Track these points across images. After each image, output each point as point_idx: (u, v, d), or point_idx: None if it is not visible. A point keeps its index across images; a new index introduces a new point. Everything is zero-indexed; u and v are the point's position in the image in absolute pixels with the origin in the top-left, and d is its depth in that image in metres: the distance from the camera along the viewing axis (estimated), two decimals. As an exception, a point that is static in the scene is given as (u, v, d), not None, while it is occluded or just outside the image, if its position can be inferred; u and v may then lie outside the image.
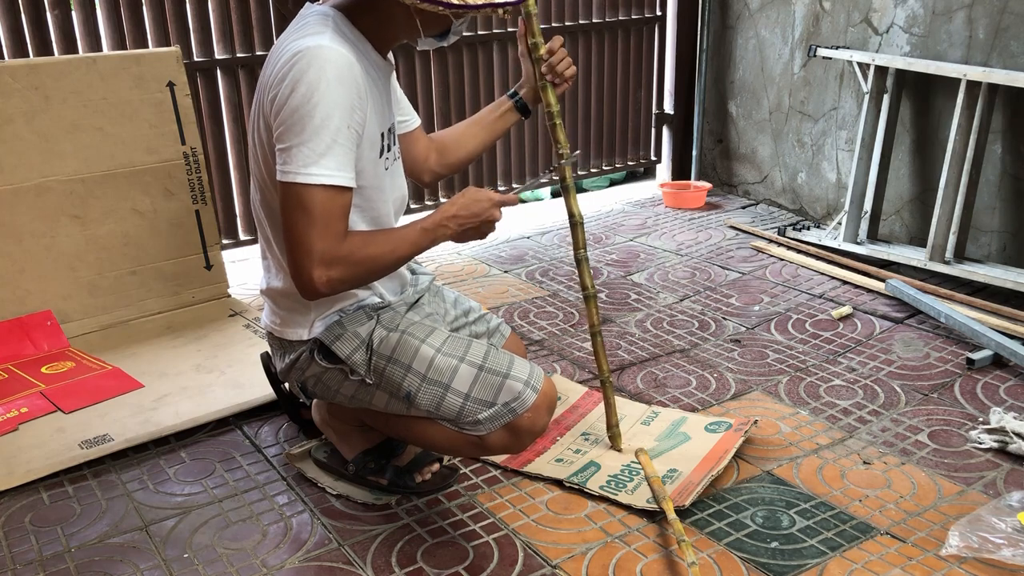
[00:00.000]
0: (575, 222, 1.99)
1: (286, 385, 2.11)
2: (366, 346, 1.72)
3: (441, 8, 1.50)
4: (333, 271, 1.55)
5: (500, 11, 1.56)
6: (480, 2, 1.53)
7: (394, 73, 1.92)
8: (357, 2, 1.64)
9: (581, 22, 3.97)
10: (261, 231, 1.79)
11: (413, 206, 3.70)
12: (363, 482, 1.97)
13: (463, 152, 2.03)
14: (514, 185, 1.82)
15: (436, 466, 1.97)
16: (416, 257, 1.74)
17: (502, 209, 1.73)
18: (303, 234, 1.53)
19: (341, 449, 1.99)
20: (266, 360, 2.15)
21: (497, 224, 1.74)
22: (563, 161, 1.94)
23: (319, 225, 1.53)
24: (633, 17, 4.11)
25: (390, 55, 1.80)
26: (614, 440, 2.09)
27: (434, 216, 1.68)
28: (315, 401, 2.04)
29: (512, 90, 2.02)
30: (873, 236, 3.32)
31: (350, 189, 1.56)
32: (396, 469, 1.95)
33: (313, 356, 1.76)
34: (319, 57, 1.51)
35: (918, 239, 3.28)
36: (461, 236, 1.71)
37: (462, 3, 1.51)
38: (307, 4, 1.69)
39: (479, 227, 1.70)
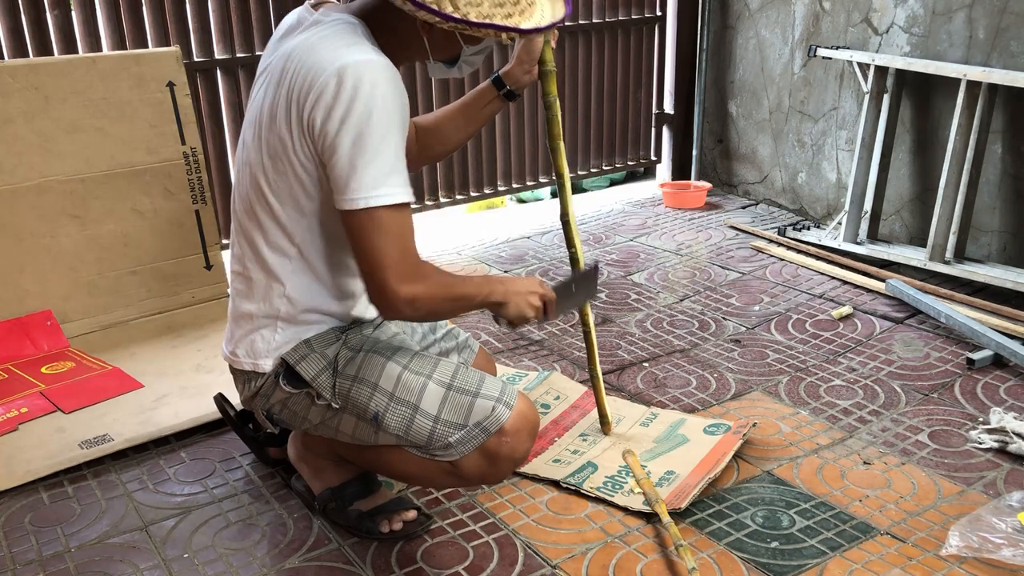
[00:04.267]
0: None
1: (250, 426, 2.03)
2: (332, 368, 1.65)
3: (447, 23, 1.44)
4: (416, 287, 1.52)
5: (504, 36, 1.49)
6: (483, 21, 1.46)
7: None
8: (377, 17, 1.58)
9: (581, 22, 3.97)
10: (248, 244, 1.74)
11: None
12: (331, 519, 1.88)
13: (450, 144, 1.99)
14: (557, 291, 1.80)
15: (412, 514, 1.84)
16: None
17: (543, 305, 1.68)
18: (381, 252, 1.49)
19: (312, 485, 1.89)
20: (220, 402, 2.04)
21: (534, 313, 1.67)
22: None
23: (396, 242, 1.50)
24: (633, 17, 4.11)
25: None
26: (604, 425, 2.16)
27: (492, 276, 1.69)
28: (291, 437, 1.96)
29: (495, 75, 1.92)
30: (873, 236, 3.32)
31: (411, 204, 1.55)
32: (359, 513, 1.83)
33: (278, 381, 1.68)
34: (371, 71, 1.46)
35: (918, 239, 3.28)
36: (509, 301, 1.65)
37: (463, 17, 1.44)
38: (324, 8, 1.63)
39: (525, 296, 1.65)
